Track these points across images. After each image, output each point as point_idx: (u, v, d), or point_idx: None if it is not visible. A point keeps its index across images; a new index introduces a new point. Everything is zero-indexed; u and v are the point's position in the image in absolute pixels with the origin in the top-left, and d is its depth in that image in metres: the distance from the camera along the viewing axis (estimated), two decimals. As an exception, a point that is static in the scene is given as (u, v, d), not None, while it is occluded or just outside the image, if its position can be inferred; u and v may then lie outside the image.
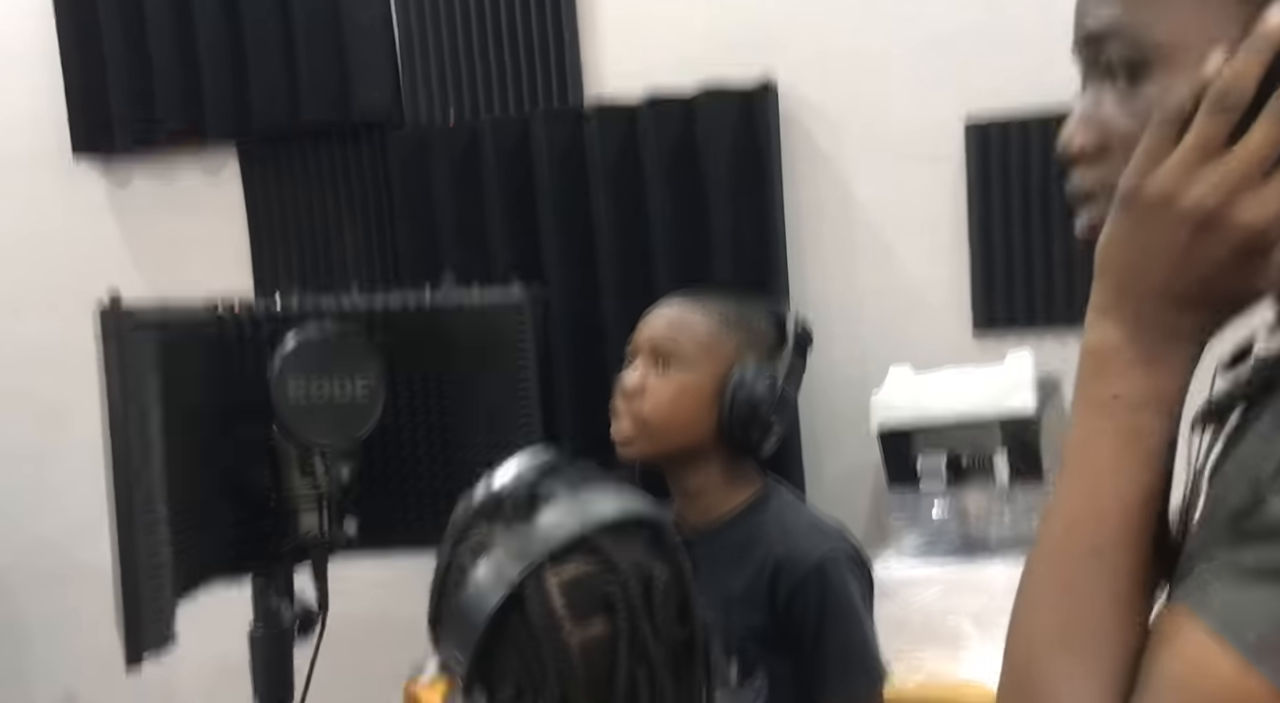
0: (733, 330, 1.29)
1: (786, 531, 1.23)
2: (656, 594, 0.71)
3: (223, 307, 1.39)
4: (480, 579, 0.71)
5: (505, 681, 0.71)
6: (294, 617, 1.42)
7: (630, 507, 0.75)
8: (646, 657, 0.70)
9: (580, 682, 0.69)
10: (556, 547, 0.71)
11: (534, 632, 0.69)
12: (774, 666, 1.20)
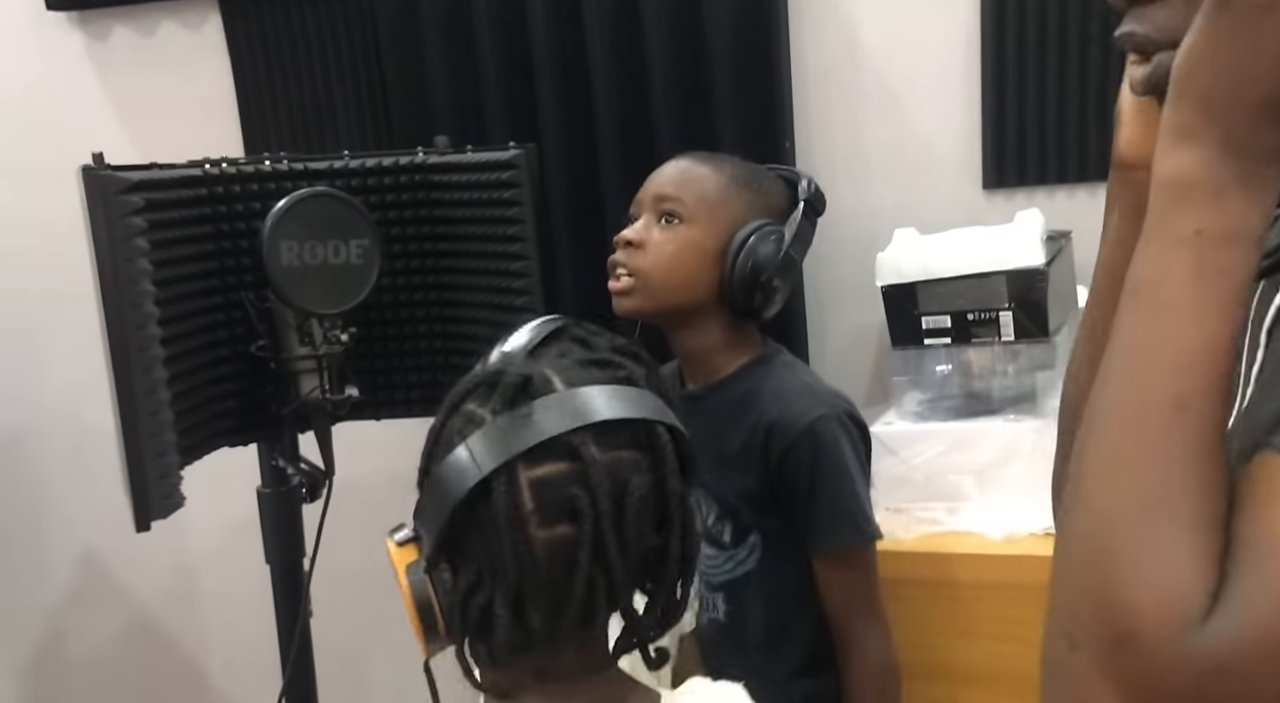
0: (742, 190, 1.25)
1: (781, 393, 1.21)
2: (630, 506, 0.70)
3: (211, 167, 1.35)
4: (456, 462, 0.70)
5: (468, 563, 0.71)
6: (301, 479, 1.44)
7: (622, 407, 0.72)
8: (607, 566, 0.69)
9: (539, 579, 0.69)
10: (532, 444, 0.69)
11: (498, 524, 0.68)
12: (767, 525, 1.21)
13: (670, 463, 0.73)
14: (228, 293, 1.37)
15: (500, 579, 0.69)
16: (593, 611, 0.71)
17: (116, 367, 1.19)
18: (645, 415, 0.73)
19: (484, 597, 0.70)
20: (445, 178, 1.44)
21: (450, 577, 0.71)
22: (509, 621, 0.69)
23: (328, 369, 1.38)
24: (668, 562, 0.73)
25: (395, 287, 1.46)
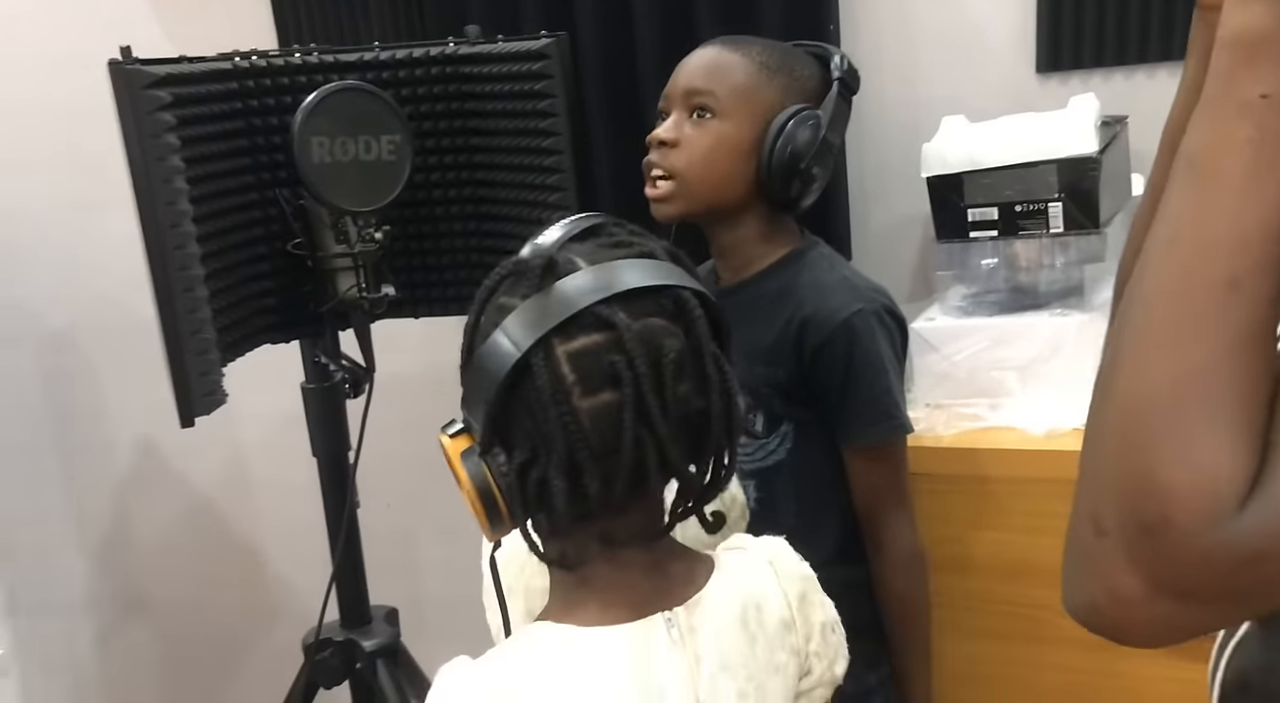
0: (774, 76, 1.20)
1: (818, 287, 1.19)
2: (666, 367, 0.71)
3: (241, 60, 1.33)
4: (494, 346, 0.71)
5: (520, 442, 0.73)
6: (343, 375, 1.46)
7: (647, 276, 0.73)
8: (652, 427, 0.71)
9: (589, 447, 0.71)
10: (565, 317, 0.71)
11: (543, 399, 0.70)
12: (799, 416, 1.21)
13: (701, 327, 0.74)
14: (262, 190, 1.36)
15: (552, 452, 0.71)
16: (644, 473, 0.72)
17: (153, 265, 1.21)
18: (670, 282, 0.74)
19: (539, 472, 0.72)
20: (476, 69, 1.41)
21: (505, 459, 0.73)
22: (566, 491, 0.71)
23: (364, 267, 1.38)
24: (712, 424, 0.74)
25: (429, 183, 1.44)
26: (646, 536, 0.78)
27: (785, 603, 0.82)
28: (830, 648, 0.85)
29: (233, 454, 2.04)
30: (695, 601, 0.78)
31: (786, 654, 0.81)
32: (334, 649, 1.53)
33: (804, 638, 0.83)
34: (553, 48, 1.35)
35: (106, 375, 2.07)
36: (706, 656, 0.77)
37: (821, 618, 0.84)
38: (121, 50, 1.17)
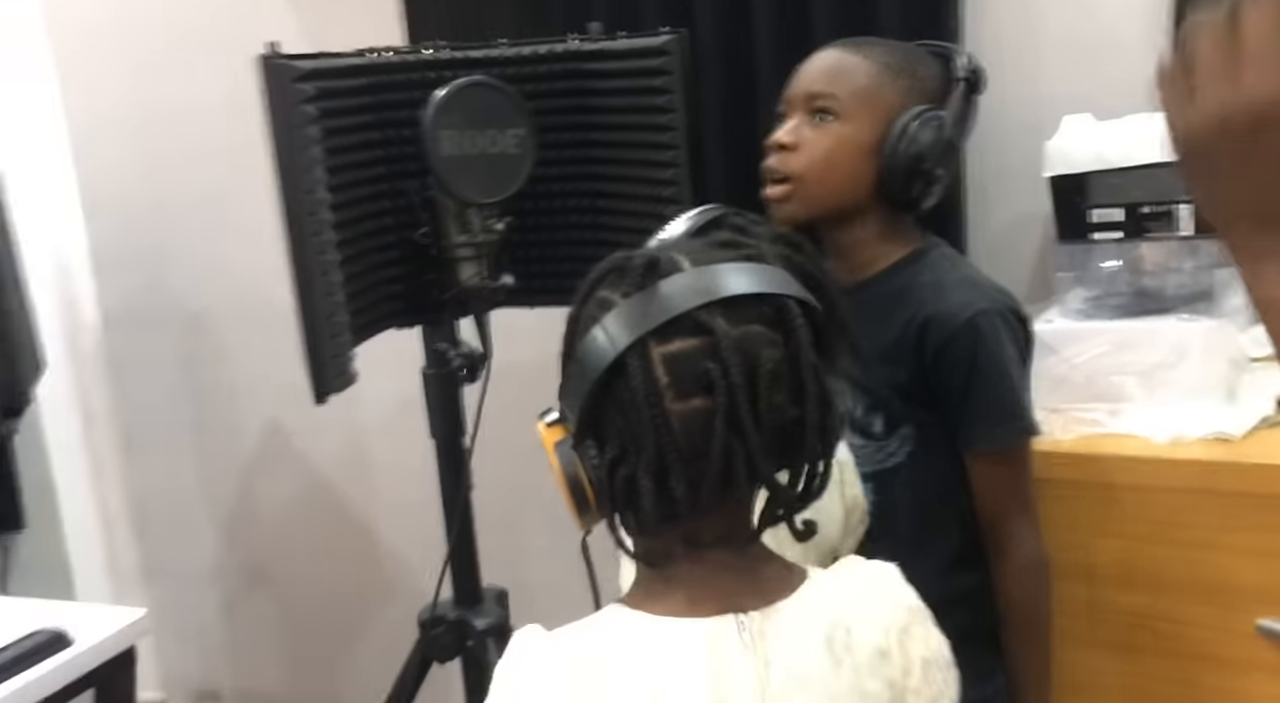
0: (896, 77, 1.19)
1: (940, 286, 1.17)
2: (762, 378, 0.71)
3: (375, 56, 1.40)
4: (592, 342, 0.73)
5: (612, 438, 0.74)
6: (461, 361, 1.51)
7: (750, 282, 0.73)
8: (743, 436, 0.71)
9: (678, 450, 0.71)
10: (663, 320, 0.71)
11: (635, 399, 0.71)
12: (920, 418, 1.19)
13: (801, 336, 0.73)
14: (393, 181, 1.42)
15: (641, 452, 0.71)
16: (731, 480, 0.72)
17: (294, 250, 1.28)
18: (773, 290, 0.74)
19: (628, 469, 0.72)
20: (597, 65, 1.44)
21: (596, 452, 0.74)
22: (652, 491, 0.72)
23: (485, 257, 1.43)
24: (806, 434, 0.74)
25: (547, 176, 1.48)
26: (733, 539, 0.78)
27: (883, 631, 0.78)
28: (932, 687, 0.80)
29: (353, 435, 2.13)
30: (773, 608, 0.77)
31: (879, 685, 0.77)
32: (447, 627, 1.58)
33: (901, 671, 0.79)
34: (673, 44, 1.37)
35: (239, 358, 2.18)
36: (777, 664, 0.75)
37: (924, 653, 0.80)
38: (269, 46, 1.24)
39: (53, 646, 1.27)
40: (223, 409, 2.23)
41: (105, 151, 2.17)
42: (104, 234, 2.23)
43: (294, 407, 2.10)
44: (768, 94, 1.60)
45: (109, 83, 2.12)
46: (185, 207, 2.13)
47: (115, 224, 2.21)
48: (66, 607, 1.42)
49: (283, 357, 1.46)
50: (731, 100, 1.66)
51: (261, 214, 1.43)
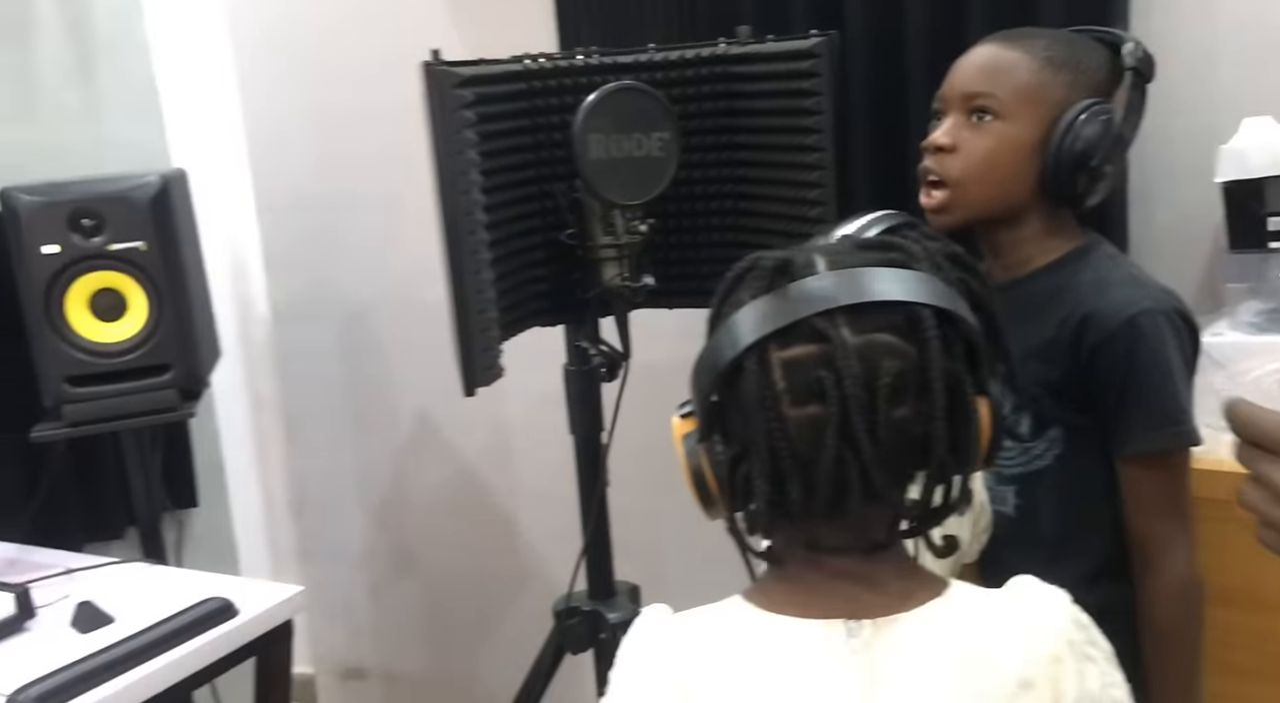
0: (1059, 71, 1.13)
1: (1101, 284, 1.12)
2: (880, 389, 0.69)
3: (530, 62, 1.44)
4: (716, 341, 0.73)
5: (733, 437, 0.74)
6: (601, 359, 1.54)
7: (888, 289, 0.71)
8: (856, 448, 0.69)
9: (792, 455, 0.70)
10: (780, 326, 0.70)
11: (752, 402, 0.71)
12: (1070, 421, 1.14)
13: (933, 347, 0.70)
14: (541, 184, 1.47)
15: (757, 453, 0.71)
16: (844, 490, 0.70)
17: (449, 249, 1.33)
18: (909, 298, 0.71)
19: (746, 468, 0.73)
20: (744, 69, 1.45)
21: (720, 448, 0.75)
22: (767, 492, 0.72)
23: (627, 258, 1.46)
24: (934, 451, 0.71)
25: (691, 179, 1.50)
26: (859, 548, 0.75)
27: (1029, 661, 0.72)
28: None
29: (497, 429, 2.20)
30: (892, 619, 0.74)
31: None
32: (581, 618, 1.62)
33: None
34: (822, 47, 1.36)
35: (394, 352, 2.29)
36: (890, 680, 0.72)
37: (1077, 692, 0.72)
38: (432, 53, 1.30)
39: (220, 615, 1.37)
40: (378, 400, 2.34)
41: (278, 154, 2.31)
42: (275, 233, 2.37)
43: (443, 399, 2.20)
44: (919, 95, 1.57)
45: (284, 89, 2.26)
46: (349, 208, 2.24)
47: (285, 224, 2.35)
48: (232, 580, 1.53)
49: (434, 352, 1.52)
50: (881, 101, 1.63)
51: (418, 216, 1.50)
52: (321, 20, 2.18)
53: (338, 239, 2.28)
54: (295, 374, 2.43)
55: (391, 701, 2.50)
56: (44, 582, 1.49)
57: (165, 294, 1.63)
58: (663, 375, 1.79)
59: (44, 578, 1.50)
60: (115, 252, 1.60)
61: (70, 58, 2.01)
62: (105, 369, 1.62)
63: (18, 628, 1.36)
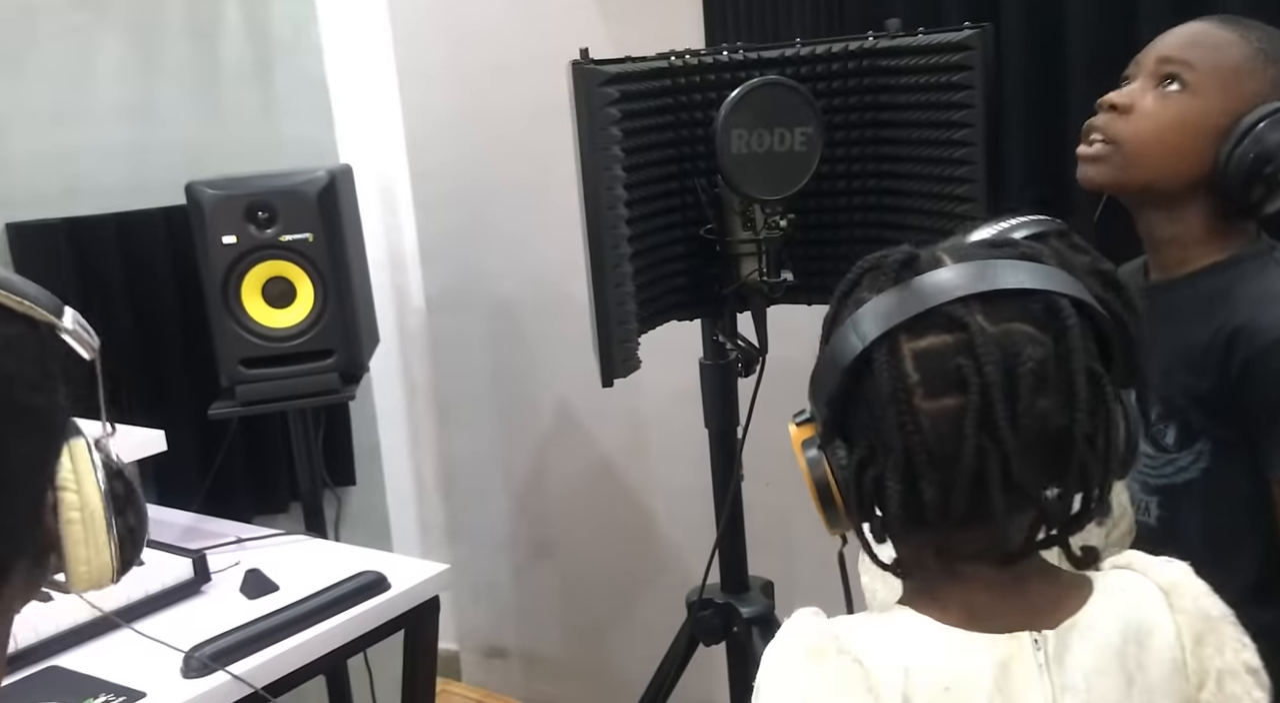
0: (1268, 65, 1.06)
1: (1264, 297, 1.05)
2: (1022, 377, 0.65)
3: (675, 59, 1.46)
4: (840, 337, 0.70)
5: (859, 438, 0.71)
6: (737, 355, 1.55)
7: (1016, 278, 0.68)
8: (998, 439, 0.65)
9: (927, 451, 0.67)
10: (913, 313, 0.67)
11: (882, 396, 0.67)
12: (1219, 434, 1.08)
13: (1074, 337, 0.67)
14: (682, 179, 1.49)
15: (889, 452, 0.69)
16: (985, 487, 0.67)
17: (591, 242, 1.37)
18: (1043, 286, 0.68)
19: (876, 470, 0.70)
20: (893, 62, 1.43)
21: (844, 453, 0.72)
22: (900, 494, 0.68)
23: (766, 253, 1.46)
24: (1075, 448, 0.68)
25: (834, 174, 1.48)
26: (994, 557, 0.72)
27: (1178, 642, 0.72)
28: (1228, 700, 0.73)
29: (633, 421, 2.24)
30: (1069, 625, 0.71)
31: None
32: (714, 610, 1.63)
33: (1195, 686, 0.72)
34: (975, 39, 1.33)
35: (538, 343, 2.36)
36: (1072, 690, 0.70)
37: (1220, 664, 0.72)
38: (581, 52, 1.34)
39: (374, 588, 1.45)
40: (522, 389, 2.42)
41: (434, 150, 2.42)
42: (429, 227, 2.48)
43: (583, 390, 2.26)
44: (1078, 92, 1.51)
45: (441, 87, 2.36)
46: (499, 203, 2.32)
47: (439, 218, 2.46)
48: (385, 556, 1.61)
49: (575, 344, 1.57)
50: (1035, 96, 1.58)
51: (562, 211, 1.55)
52: (477, 22, 2.26)
53: (486, 233, 2.37)
54: (446, 362, 2.54)
55: (531, 680, 2.58)
56: (217, 550, 1.61)
57: (330, 283, 1.73)
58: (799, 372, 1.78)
59: (217, 546, 1.63)
60: (286, 242, 1.71)
61: (250, 60, 2.16)
62: (275, 352, 1.74)
63: (194, 591, 1.48)
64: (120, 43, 1.94)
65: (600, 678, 2.42)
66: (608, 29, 2.06)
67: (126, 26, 1.94)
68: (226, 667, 1.25)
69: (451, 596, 2.55)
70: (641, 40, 1.55)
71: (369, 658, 1.96)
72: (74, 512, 0.54)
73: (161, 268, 1.92)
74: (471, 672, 2.69)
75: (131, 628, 1.32)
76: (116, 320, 1.87)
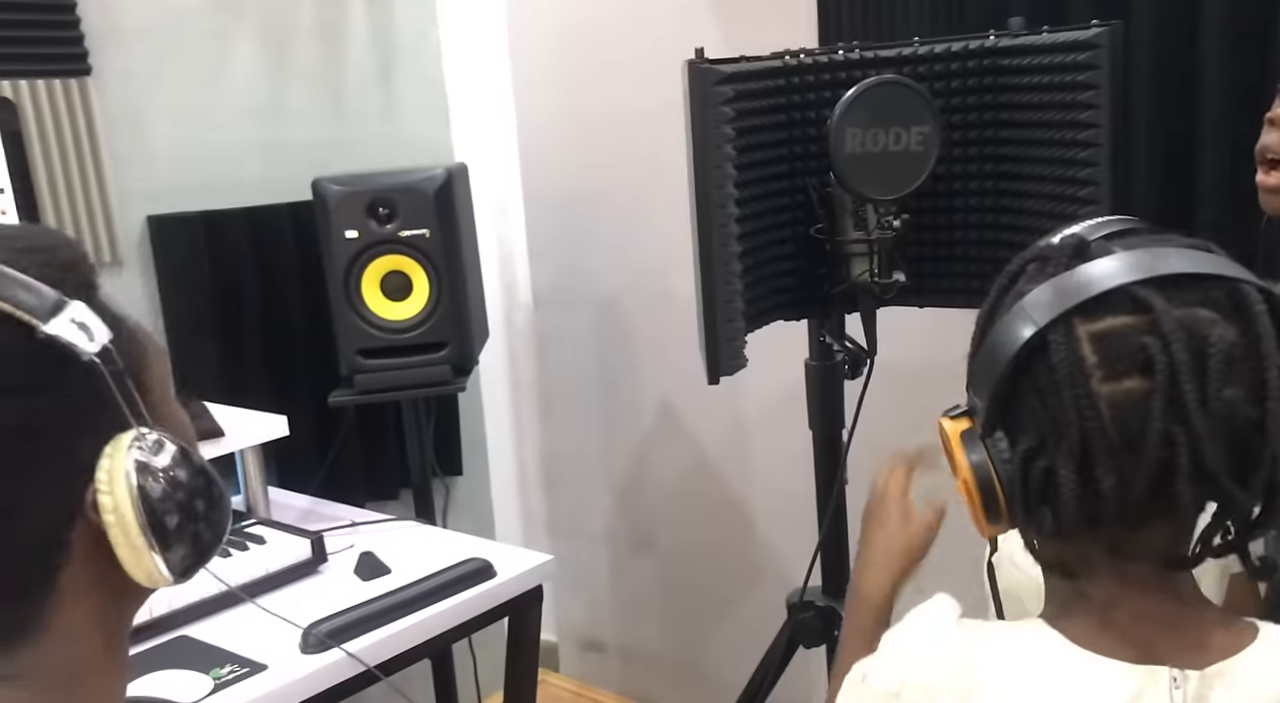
0: None
1: None
2: (1212, 358, 0.61)
3: (790, 59, 1.46)
4: (1009, 322, 0.67)
5: (1027, 428, 0.67)
6: (844, 356, 1.54)
7: (1196, 264, 0.65)
8: (1187, 423, 0.61)
9: (1106, 438, 0.63)
10: (1092, 294, 0.64)
11: (1057, 380, 0.64)
12: None
13: (1263, 324, 0.63)
14: (793, 178, 1.48)
15: (1063, 440, 0.65)
16: (1170, 476, 0.63)
17: (701, 240, 1.37)
18: (1226, 273, 0.65)
19: (1046, 461, 0.66)
20: (1015, 62, 1.39)
21: (1007, 445, 0.68)
22: (1075, 485, 0.64)
23: (878, 254, 1.44)
24: (1267, 441, 0.63)
25: (950, 175, 1.46)
26: (1166, 560, 0.68)
27: None
28: None
29: (736, 420, 2.23)
30: (1218, 670, 0.66)
31: None
32: (815, 613, 1.62)
33: None
34: (1103, 37, 1.29)
35: (641, 341, 2.38)
36: None
37: None
38: (696, 52, 1.35)
39: (481, 575, 1.49)
40: (625, 386, 2.44)
41: (545, 149, 2.46)
42: (538, 225, 2.53)
43: (685, 388, 2.26)
44: (1210, 94, 1.45)
45: (553, 88, 2.40)
46: (606, 202, 2.35)
47: (548, 215, 2.50)
48: (491, 544, 1.65)
49: (678, 342, 1.58)
50: (1164, 96, 1.52)
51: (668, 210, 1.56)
52: (591, 24, 2.29)
53: (593, 231, 2.40)
54: (551, 357, 2.58)
55: (628, 674, 2.61)
56: (333, 532, 1.67)
57: (445, 278, 1.79)
58: (908, 375, 1.76)
59: (333, 529, 1.69)
60: (404, 237, 1.77)
61: (373, 63, 2.24)
62: (391, 344, 1.80)
63: (312, 570, 1.54)
64: (254, 47, 2.03)
65: (696, 676, 2.42)
66: (721, 30, 2.07)
67: (260, 32, 2.04)
68: (342, 644, 1.30)
69: (551, 588, 2.59)
70: (756, 40, 1.55)
71: (473, 646, 2.02)
72: (109, 514, 0.53)
73: (288, 260, 2.01)
74: (569, 664, 2.72)
75: (255, 603, 1.38)
76: (245, 309, 1.96)
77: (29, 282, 0.52)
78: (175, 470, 0.55)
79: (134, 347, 0.57)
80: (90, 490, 0.53)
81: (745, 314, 1.43)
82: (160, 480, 0.54)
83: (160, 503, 0.54)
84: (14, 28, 1.69)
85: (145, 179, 1.87)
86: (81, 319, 0.53)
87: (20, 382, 0.51)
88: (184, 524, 0.55)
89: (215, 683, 1.23)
